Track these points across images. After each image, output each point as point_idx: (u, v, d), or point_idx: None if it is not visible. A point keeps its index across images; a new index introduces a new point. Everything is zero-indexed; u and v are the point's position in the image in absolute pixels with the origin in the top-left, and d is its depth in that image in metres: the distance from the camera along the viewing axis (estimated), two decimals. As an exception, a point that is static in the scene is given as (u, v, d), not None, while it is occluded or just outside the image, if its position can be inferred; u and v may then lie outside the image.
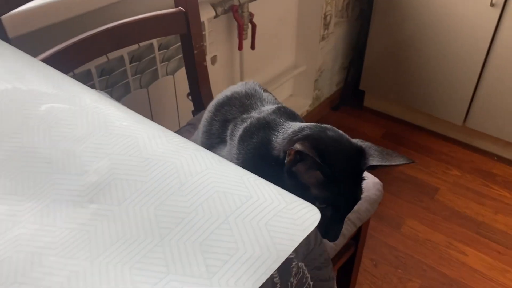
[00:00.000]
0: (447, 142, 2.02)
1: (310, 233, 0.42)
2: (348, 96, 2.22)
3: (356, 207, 0.88)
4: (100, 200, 0.44)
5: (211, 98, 1.19)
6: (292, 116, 0.75)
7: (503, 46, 1.67)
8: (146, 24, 0.98)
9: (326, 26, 1.89)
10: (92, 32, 0.90)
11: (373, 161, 0.67)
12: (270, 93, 0.85)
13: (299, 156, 0.64)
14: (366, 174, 0.95)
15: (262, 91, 0.83)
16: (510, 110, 1.76)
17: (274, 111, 0.74)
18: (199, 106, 1.16)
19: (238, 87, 0.83)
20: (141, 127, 0.51)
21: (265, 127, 0.71)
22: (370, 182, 0.92)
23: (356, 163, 0.68)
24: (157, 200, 0.43)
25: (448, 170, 1.87)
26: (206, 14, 1.31)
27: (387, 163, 0.67)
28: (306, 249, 0.41)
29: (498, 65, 1.71)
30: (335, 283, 0.48)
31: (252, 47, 1.57)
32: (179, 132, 1.17)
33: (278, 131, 0.70)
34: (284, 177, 0.67)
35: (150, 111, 1.28)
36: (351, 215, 0.87)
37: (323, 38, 1.90)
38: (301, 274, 0.42)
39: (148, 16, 0.98)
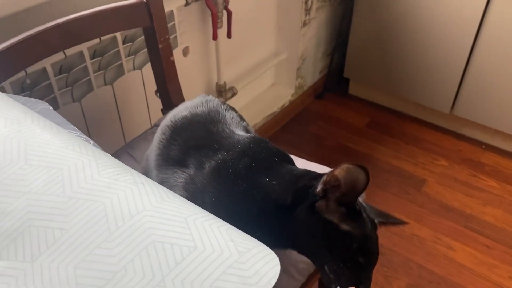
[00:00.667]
0: (435, 131, 1.95)
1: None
2: (332, 84, 2.14)
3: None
4: (10, 256, 0.35)
5: (180, 95, 1.10)
6: (266, 143, 0.71)
7: (490, 33, 1.60)
8: (103, 18, 0.88)
9: (308, 11, 1.79)
10: (39, 29, 0.80)
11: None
12: (233, 110, 0.79)
13: (326, 190, 0.59)
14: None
15: (225, 111, 0.76)
16: (498, 97, 1.70)
17: (252, 145, 0.68)
18: (167, 104, 1.07)
19: (197, 106, 0.76)
20: (69, 154, 0.43)
21: (252, 167, 0.65)
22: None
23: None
24: (79, 255, 0.35)
25: (435, 160, 1.81)
26: (175, 2, 1.21)
27: (384, 220, 0.66)
28: None
29: (485, 52, 1.64)
30: None
31: (229, 35, 1.47)
32: (144, 136, 1.08)
33: (274, 172, 0.65)
34: (286, 224, 0.62)
35: (117, 109, 1.18)
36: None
37: (304, 24, 1.80)
38: None
39: (105, 9, 0.88)
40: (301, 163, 0.97)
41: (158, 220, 0.37)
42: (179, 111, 0.77)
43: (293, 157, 0.93)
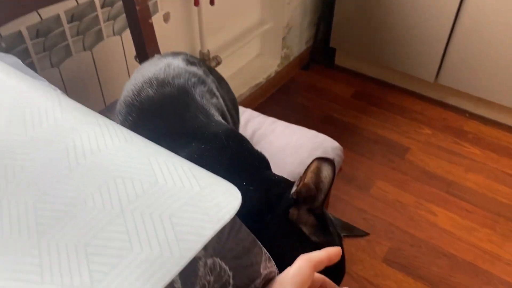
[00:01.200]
0: (419, 100, 1.97)
1: (233, 220, 0.34)
2: (318, 54, 2.13)
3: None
4: (-31, 192, 0.35)
5: (160, 60, 1.08)
6: (246, 143, 0.67)
7: (474, 1, 1.59)
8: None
9: (293, -21, 1.77)
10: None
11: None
12: (201, 83, 0.72)
13: (297, 197, 0.57)
14: (324, 137, 0.89)
15: (193, 88, 0.70)
16: (482, 66, 1.70)
17: (231, 143, 0.64)
18: (148, 69, 1.06)
19: (164, 85, 0.69)
20: (33, 98, 0.42)
21: (231, 169, 0.62)
22: (328, 146, 0.85)
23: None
24: (39, 190, 0.35)
25: (419, 129, 1.83)
26: (155, -35, 1.19)
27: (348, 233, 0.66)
28: (218, 242, 0.34)
29: (469, 21, 1.64)
30: (266, 263, 0.41)
31: (211, 2, 1.45)
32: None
33: (252, 177, 0.62)
34: (259, 230, 0.60)
35: (97, 76, 1.17)
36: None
37: (289, -8, 1.78)
38: (218, 269, 0.35)
39: (79, -32, 0.86)
40: (293, 129, 0.95)
41: (120, 158, 0.37)
42: (142, 86, 0.70)
43: (283, 123, 0.93)
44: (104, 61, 1.17)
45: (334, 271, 0.56)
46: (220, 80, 0.85)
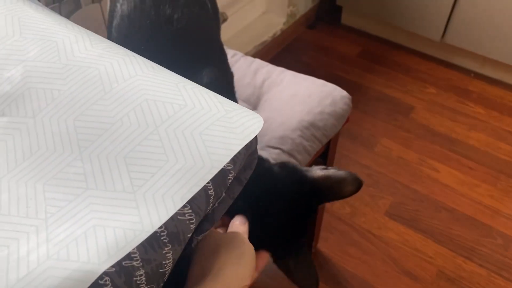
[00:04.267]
0: (425, 60, 1.96)
1: (252, 141, 0.37)
2: (324, 12, 2.11)
3: (321, 123, 0.85)
4: (12, 113, 0.38)
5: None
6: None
7: (486, -47, 1.57)
8: None
9: None
10: None
11: None
12: None
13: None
14: (332, 86, 0.90)
15: None
16: (488, 24, 1.69)
17: None
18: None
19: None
20: (62, 30, 0.44)
21: None
22: (337, 95, 0.87)
23: None
24: (77, 110, 0.37)
25: (424, 88, 1.84)
26: None
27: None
28: (243, 157, 0.37)
29: (480, -25, 1.62)
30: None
31: (218, -43, 1.43)
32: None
33: None
34: None
35: (105, 29, 1.17)
36: (317, 132, 0.83)
37: None
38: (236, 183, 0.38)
39: None
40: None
41: (150, 83, 0.40)
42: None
43: (292, 72, 0.92)
44: (114, 14, 1.18)
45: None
46: None
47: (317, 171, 0.58)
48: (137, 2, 0.63)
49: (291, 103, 0.85)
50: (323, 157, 0.98)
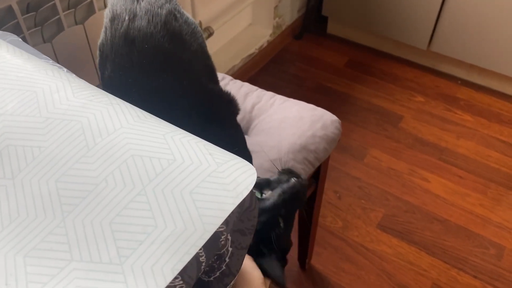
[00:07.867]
0: (412, 68, 1.97)
1: (245, 199, 0.35)
2: (310, 22, 2.11)
3: (313, 146, 0.83)
4: (-11, 174, 0.36)
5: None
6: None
7: (470, -37, 1.58)
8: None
9: None
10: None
11: None
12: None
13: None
14: (322, 111, 0.90)
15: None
16: (474, 32, 1.70)
17: None
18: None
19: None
20: (42, 77, 0.42)
21: None
22: (328, 119, 0.86)
23: None
24: (59, 170, 0.35)
25: (412, 97, 1.84)
26: None
27: None
28: (237, 217, 0.35)
29: (464, -16, 1.63)
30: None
31: (203, -28, 1.42)
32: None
33: None
34: None
35: (90, 50, 1.15)
36: (309, 156, 0.82)
37: (281, -40, 1.75)
38: (235, 241, 0.37)
39: None
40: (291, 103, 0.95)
41: (136, 136, 0.38)
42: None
43: (282, 97, 0.93)
44: (97, 35, 1.15)
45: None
46: None
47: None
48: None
49: (282, 126, 0.84)
50: (315, 177, 0.97)
